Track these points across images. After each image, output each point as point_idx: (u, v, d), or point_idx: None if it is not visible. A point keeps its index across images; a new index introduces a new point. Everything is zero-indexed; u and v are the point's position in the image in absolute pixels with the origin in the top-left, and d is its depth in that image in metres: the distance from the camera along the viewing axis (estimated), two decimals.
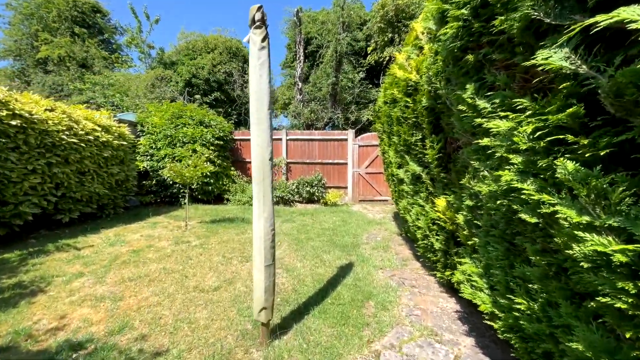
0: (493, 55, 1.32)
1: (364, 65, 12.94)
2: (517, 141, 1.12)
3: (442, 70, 1.94)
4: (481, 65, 1.49)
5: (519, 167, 1.13)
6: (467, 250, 2.12)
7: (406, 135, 2.99)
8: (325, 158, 9.61)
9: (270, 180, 2.06)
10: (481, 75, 1.49)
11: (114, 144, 6.07)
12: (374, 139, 9.25)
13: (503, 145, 1.22)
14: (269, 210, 2.07)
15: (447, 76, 1.87)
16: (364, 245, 4.65)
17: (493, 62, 1.38)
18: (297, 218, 6.68)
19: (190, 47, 11.67)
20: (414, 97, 2.76)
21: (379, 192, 9.30)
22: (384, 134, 4.68)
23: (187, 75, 10.91)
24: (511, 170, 1.17)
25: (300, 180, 8.93)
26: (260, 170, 2.03)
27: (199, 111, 8.94)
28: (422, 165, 2.94)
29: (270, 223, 2.07)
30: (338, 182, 9.59)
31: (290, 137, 9.74)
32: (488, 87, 1.46)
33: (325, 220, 6.45)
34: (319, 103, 12.19)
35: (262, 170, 2.03)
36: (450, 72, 1.78)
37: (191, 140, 8.31)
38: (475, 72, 1.53)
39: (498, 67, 1.37)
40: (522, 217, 1.12)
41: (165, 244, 4.45)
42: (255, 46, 1.99)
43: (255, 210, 2.07)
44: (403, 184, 3.64)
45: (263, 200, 2.04)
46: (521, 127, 1.11)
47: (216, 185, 8.65)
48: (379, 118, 5.13)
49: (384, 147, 4.92)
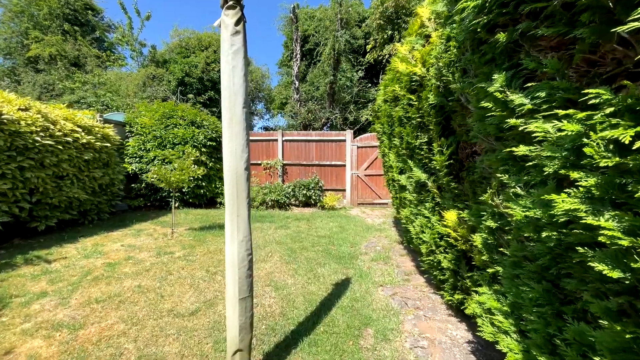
0: (538, 31, 0.96)
1: (363, 63, 12.58)
2: (590, 153, 0.76)
3: (456, 60, 1.59)
4: (515, 48, 1.13)
5: (589, 191, 0.78)
6: (485, 277, 1.76)
7: (409, 137, 2.63)
8: (323, 160, 9.25)
9: (246, 196, 1.69)
10: (515, 61, 1.13)
11: (96, 146, 5.69)
12: (373, 139, 8.89)
13: (556, 156, 0.86)
14: (245, 231, 1.69)
15: (463, 66, 1.52)
16: (362, 256, 4.28)
17: (535, 41, 1.03)
18: (292, 224, 6.31)
19: (184, 44, 11.29)
20: (419, 93, 2.40)
21: (378, 195, 8.94)
22: (384, 135, 4.32)
23: (180, 73, 10.53)
24: (574, 195, 0.82)
25: (296, 183, 8.56)
26: (233, 184, 1.66)
27: (190, 111, 8.56)
28: (427, 171, 2.58)
29: (247, 247, 1.70)
30: (336, 184, 9.23)
31: (286, 138, 9.38)
32: (524, 77, 1.10)
33: (321, 227, 6.09)
34: (316, 103, 11.83)
35: (236, 183, 1.66)
36: (468, 60, 1.42)
37: (182, 141, 7.94)
38: (506, 58, 1.18)
39: (542, 48, 1.02)
40: (592, 265, 0.77)
41: (146, 256, 4.08)
42: (228, 30, 1.63)
43: (227, 231, 1.70)
44: (405, 192, 3.28)
45: (237, 220, 1.67)
46: (597, 131, 0.76)
47: (208, 189, 8.29)
48: (379, 118, 4.77)
49: (384, 150, 4.56)
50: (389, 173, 4.57)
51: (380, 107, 4.32)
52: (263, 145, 9.57)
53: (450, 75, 1.66)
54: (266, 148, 9.56)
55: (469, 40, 1.36)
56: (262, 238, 5.11)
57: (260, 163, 9.49)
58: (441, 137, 2.12)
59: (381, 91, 4.22)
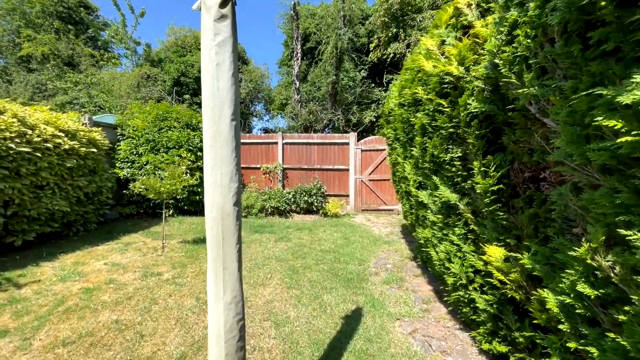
0: None
1: (366, 63, 12.13)
2: None
3: (529, 54, 1.15)
4: None
5: None
6: (556, 346, 1.32)
7: (437, 150, 2.20)
8: (325, 163, 8.81)
9: (235, 241, 1.25)
10: None
11: (81, 152, 5.24)
12: (378, 142, 8.45)
13: None
14: (234, 289, 1.25)
15: (541, 63, 1.08)
16: (372, 277, 3.84)
17: None
18: (294, 235, 5.87)
19: (180, 43, 10.84)
20: (453, 98, 1.96)
21: (383, 201, 8.50)
22: (397, 142, 3.88)
23: (176, 73, 10.08)
24: None
25: (297, 189, 8.12)
26: (218, 226, 1.22)
27: (186, 112, 8.12)
28: (459, 192, 2.14)
29: (237, 311, 1.25)
30: (339, 189, 8.79)
31: (287, 140, 8.94)
32: None
33: (325, 238, 5.65)
34: (318, 103, 11.38)
35: (221, 225, 1.22)
36: (556, 54, 0.99)
37: (176, 145, 7.50)
38: None
39: None
40: None
41: (130, 278, 3.63)
42: (210, 14, 1.19)
43: (210, 290, 1.26)
44: (426, 210, 2.84)
45: (223, 274, 1.23)
46: None
47: None
48: (390, 122, 4.32)
49: (396, 158, 4.11)
50: (401, 184, 4.12)
51: (392, 110, 3.87)
52: (262, 148, 9.13)
53: (513, 76, 1.22)
54: (265, 151, 9.12)
55: (561, 26, 0.93)
56: (261, 253, 4.67)
57: (259, 167, 9.05)
58: (486, 155, 1.68)
59: (394, 93, 3.77)
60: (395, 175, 4.62)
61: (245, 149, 9.21)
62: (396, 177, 4.52)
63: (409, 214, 3.83)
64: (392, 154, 4.48)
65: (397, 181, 4.51)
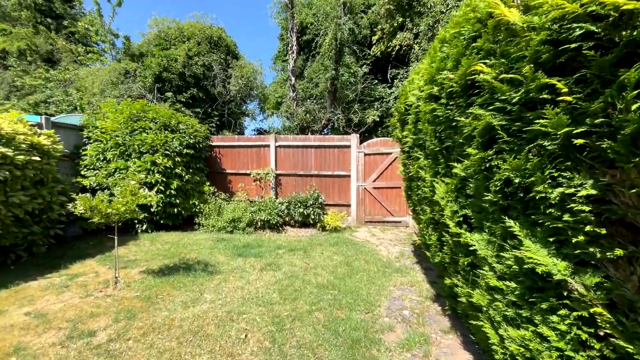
0: None
1: (368, 57, 11.09)
2: None
3: None
4: None
5: None
6: None
7: (527, 177, 1.18)
8: (324, 169, 7.78)
9: None
10: None
11: (17, 161, 4.21)
12: (383, 145, 7.43)
13: None
14: None
15: None
16: (385, 334, 2.82)
17: None
18: (284, 259, 4.85)
19: (162, 35, 9.80)
20: (595, 71, 0.95)
21: (389, 212, 7.48)
22: (418, 150, 2.86)
23: (157, 68, 9.04)
24: None
25: (291, 199, 7.09)
26: None
27: (164, 112, 7.09)
28: (573, 259, 1.12)
29: None
30: (339, 198, 7.77)
31: (280, 143, 7.91)
32: None
33: (322, 264, 4.62)
34: (315, 102, 10.35)
35: None
36: None
37: (151, 149, 6.47)
38: None
39: None
40: None
41: (47, 342, 2.60)
42: None
43: None
44: (479, 262, 1.80)
45: None
46: None
47: (185, 206, 6.82)
48: (406, 123, 3.29)
49: (416, 171, 3.09)
50: (423, 206, 3.10)
51: (411, 107, 2.84)
52: (253, 151, 8.10)
53: None
54: (257, 155, 8.10)
55: None
56: (239, 292, 3.64)
57: (249, 173, 8.02)
58: None
59: (415, 82, 2.77)
60: (411, 190, 3.58)
61: (233, 153, 8.19)
62: (413, 194, 3.48)
63: (435, 248, 2.80)
64: (408, 164, 3.45)
65: (415, 200, 3.47)
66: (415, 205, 3.56)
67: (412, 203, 3.84)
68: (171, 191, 6.44)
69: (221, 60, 10.03)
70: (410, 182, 3.55)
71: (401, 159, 4.35)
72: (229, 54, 10.60)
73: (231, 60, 10.48)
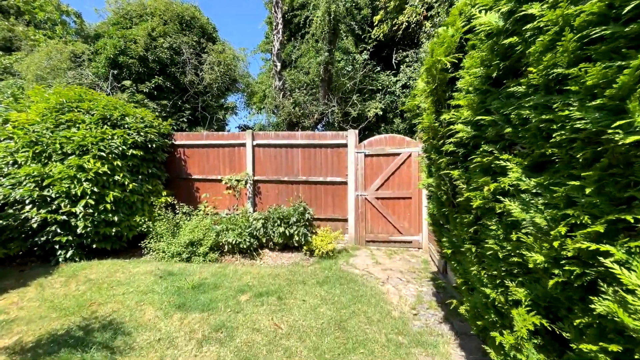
0: None
1: (369, 42, 9.43)
2: None
3: None
4: None
5: None
6: None
7: None
8: (313, 174, 6.16)
9: None
10: None
11: None
12: (389, 143, 5.80)
13: None
14: None
15: None
16: None
17: None
18: (245, 314, 3.22)
19: (122, 13, 8.17)
20: None
21: (397, 229, 5.84)
22: (489, 146, 1.20)
23: (112, 50, 7.39)
24: None
25: (269, 215, 5.44)
26: None
27: (104, 100, 5.45)
28: None
29: None
30: (332, 211, 6.14)
31: (259, 141, 6.28)
32: None
33: (302, 327, 3.00)
34: (306, 92, 8.70)
35: None
36: None
37: (79, 149, 4.83)
38: None
39: None
40: None
41: None
42: None
43: None
44: None
45: None
46: None
47: (128, 223, 5.18)
48: (453, 91, 1.63)
49: (487, 192, 1.42)
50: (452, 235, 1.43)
51: None
52: (225, 152, 6.47)
53: None
54: (230, 156, 6.46)
55: None
56: None
57: (220, 179, 6.38)
58: None
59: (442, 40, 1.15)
60: (445, 206, 1.93)
61: (201, 154, 6.55)
62: (459, 231, 1.82)
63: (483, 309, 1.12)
64: (435, 169, 1.79)
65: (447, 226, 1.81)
66: (443, 231, 1.91)
67: (448, 242, 2.19)
68: (106, 205, 4.80)
69: (193, 43, 8.39)
70: (445, 198, 1.90)
71: (423, 165, 2.70)
72: (204, 36, 8.96)
73: (207, 44, 8.84)
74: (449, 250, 2.09)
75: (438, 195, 2.13)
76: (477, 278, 1.59)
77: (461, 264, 2.07)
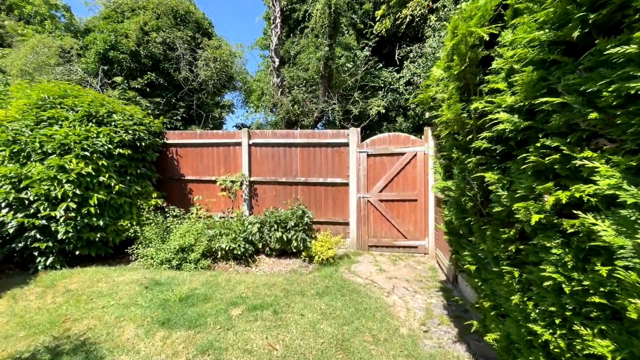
0: None
1: (370, 37, 9.10)
2: None
3: None
4: None
5: None
6: None
7: None
8: (313, 174, 5.83)
9: None
10: None
11: None
12: (393, 142, 5.47)
13: None
14: None
15: None
16: None
17: None
18: (236, 332, 2.88)
19: (113, 6, 7.83)
20: None
21: (402, 233, 5.50)
22: None
23: (102, 45, 7.04)
24: None
25: (265, 219, 5.10)
26: None
27: (86, 97, 5.12)
28: None
29: None
30: (333, 214, 5.80)
31: (255, 140, 5.94)
32: None
33: (299, 348, 2.66)
34: (305, 89, 8.36)
35: None
36: None
37: (60, 148, 4.49)
38: None
39: None
40: None
41: None
42: None
43: None
44: None
45: None
46: None
47: (115, 228, 4.83)
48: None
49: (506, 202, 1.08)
50: None
51: None
52: (220, 151, 6.13)
53: None
54: (225, 156, 6.13)
55: None
56: None
57: (214, 180, 6.04)
58: None
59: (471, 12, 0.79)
60: (469, 215, 1.60)
61: (195, 154, 6.21)
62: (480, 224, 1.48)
63: None
64: (459, 170, 1.45)
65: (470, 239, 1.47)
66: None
67: (472, 257, 1.85)
68: (90, 208, 4.46)
69: (188, 38, 8.04)
70: (476, 216, 1.56)
71: (439, 168, 2.36)
72: (199, 31, 8.61)
73: (202, 40, 8.50)
74: (472, 267, 1.75)
75: (460, 202, 1.80)
76: (520, 309, 1.26)
77: (487, 283, 1.73)
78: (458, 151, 1.72)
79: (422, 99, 2.29)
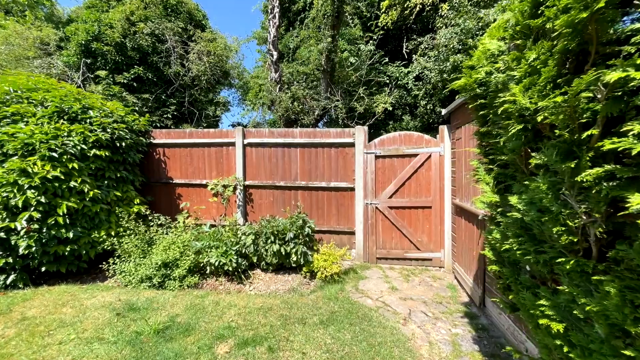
0: None
1: (376, 30, 8.50)
2: None
3: None
4: None
5: None
6: None
7: None
8: (314, 178, 5.23)
9: None
10: None
11: None
12: (405, 142, 4.88)
13: None
14: None
15: None
16: None
17: None
18: None
19: None
20: None
21: (414, 244, 4.91)
22: None
23: (84, 36, 6.44)
24: None
25: (260, 230, 4.51)
26: None
27: (59, 91, 4.51)
28: None
29: None
30: (337, 222, 5.21)
31: (250, 140, 5.35)
32: None
33: None
34: (306, 85, 7.77)
35: None
36: None
37: (23, 149, 3.89)
38: None
39: None
40: None
41: None
42: None
43: None
44: None
45: None
46: None
47: (89, 240, 4.23)
48: None
49: None
50: None
51: None
52: (212, 152, 5.54)
53: None
54: (217, 157, 5.53)
55: None
56: None
57: (205, 184, 5.45)
58: None
59: None
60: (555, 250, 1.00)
61: (184, 155, 5.61)
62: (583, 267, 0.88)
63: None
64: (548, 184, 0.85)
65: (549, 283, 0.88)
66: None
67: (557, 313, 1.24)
68: (58, 218, 3.86)
69: (179, 29, 7.44)
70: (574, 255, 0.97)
71: (485, 174, 1.76)
72: (191, 22, 8.02)
73: (195, 32, 7.90)
74: (560, 326, 1.16)
75: (533, 227, 1.23)
76: None
77: (586, 353, 1.14)
78: (553, 154, 1.12)
79: (464, 84, 1.71)
